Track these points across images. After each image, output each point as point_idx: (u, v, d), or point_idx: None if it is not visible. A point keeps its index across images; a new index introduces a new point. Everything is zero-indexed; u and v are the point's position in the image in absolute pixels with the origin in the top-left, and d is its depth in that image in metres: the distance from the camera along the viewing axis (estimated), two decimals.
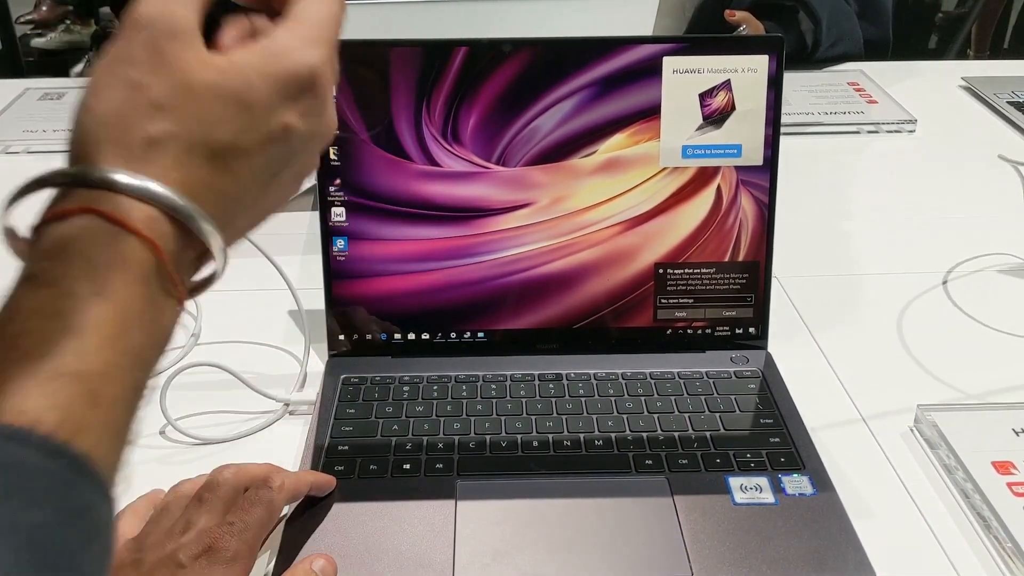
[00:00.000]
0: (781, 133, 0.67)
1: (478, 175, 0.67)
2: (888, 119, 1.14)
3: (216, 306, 0.78)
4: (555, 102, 0.66)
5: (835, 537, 0.54)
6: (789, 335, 0.74)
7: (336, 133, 0.39)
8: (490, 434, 0.62)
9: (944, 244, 0.88)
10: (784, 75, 0.66)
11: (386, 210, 0.67)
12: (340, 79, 0.64)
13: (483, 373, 0.67)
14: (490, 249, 0.68)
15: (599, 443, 0.61)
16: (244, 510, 0.50)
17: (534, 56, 0.66)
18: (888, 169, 1.05)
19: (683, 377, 0.67)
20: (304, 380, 0.69)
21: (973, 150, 1.09)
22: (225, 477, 0.52)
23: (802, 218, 0.92)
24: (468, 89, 0.66)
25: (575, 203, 0.68)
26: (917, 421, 0.64)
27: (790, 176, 0.74)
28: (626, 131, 0.67)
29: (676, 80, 0.66)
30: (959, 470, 0.59)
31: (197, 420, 0.65)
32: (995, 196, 0.97)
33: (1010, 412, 0.63)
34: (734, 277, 0.69)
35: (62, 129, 1.20)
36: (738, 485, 0.57)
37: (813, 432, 0.62)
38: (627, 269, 0.69)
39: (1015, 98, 1.20)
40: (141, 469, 0.61)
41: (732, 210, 0.68)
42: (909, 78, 1.29)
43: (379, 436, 0.62)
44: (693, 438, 0.61)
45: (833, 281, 0.83)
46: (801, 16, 1.31)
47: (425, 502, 0.56)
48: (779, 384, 0.67)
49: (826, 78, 1.26)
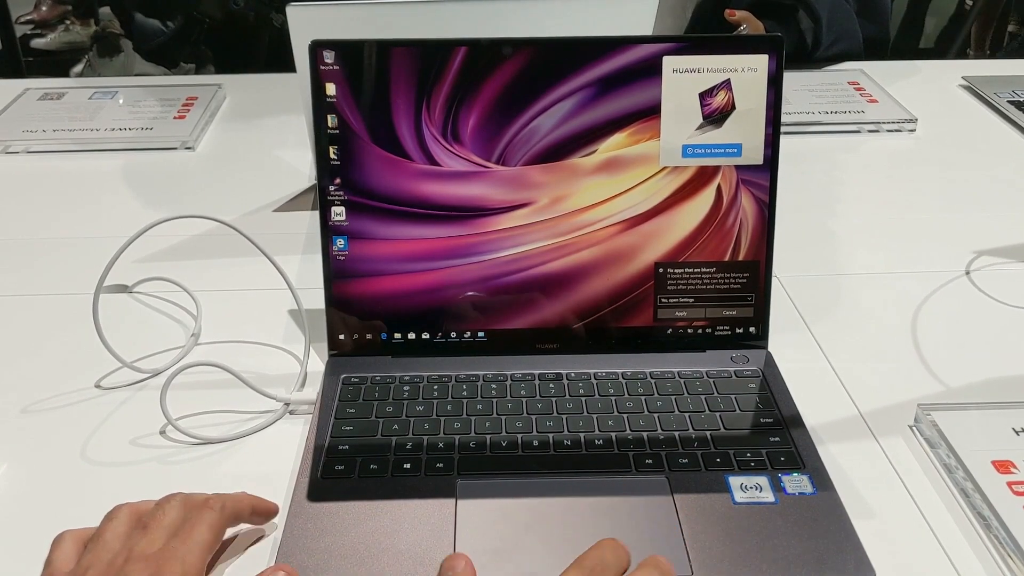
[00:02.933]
0: (781, 132, 0.67)
1: (478, 175, 0.67)
2: (888, 118, 1.14)
3: (216, 306, 0.78)
4: (555, 102, 0.66)
5: (835, 536, 0.54)
6: (789, 334, 0.74)
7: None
8: (490, 433, 0.62)
9: (944, 244, 0.88)
10: (784, 74, 0.66)
11: (386, 209, 0.67)
12: (341, 79, 0.65)
13: (483, 373, 0.67)
14: (490, 249, 0.68)
15: (599, 442, 0.61)
16: (187, 533, 0.50)
17: (534, 56, 0.66)
18: (888, 168, 1.05)
19: (683, 376, 0.67)
20: (304, 380, 0.69)
21: (973, 150, 1.09)
22: (172, 504, 0.52)
23: (802, 217, 0.92)
24: (468, 89, 0.66)
25: (575, 203, 0.68)
26: (917, 420, 0.64)
27: (790, 175, 0.74)
28: (626, 130, 0.67)
29: (676, 79, 0.66)
30: (959, 469, 0.59)
31: (198, 420, 0.65)
32: (995, 196, 0.97)
33: (1010, 411, 0.63)
34: (734, 276, 0.69)
35: (62, 129, 1.20)
36: (738, 484, 0.57)
37: (813, 431, 0.62)
38: (627, 269, 0.69)
39: (1016, 97, 1.20)
40: (142, 469, 0.61)
41: (732, 209, 0.68)
42: (909, 77, 1.29)
43: (379, 435, 0.62)
44: (693, 437, 0.61)
45: (833, 280, 0.83)
46: (801, 15, 1.31)
47: (425, 501, 0.56)
48: (779, 383, 0.67)
49: (826, 77, 1.26)
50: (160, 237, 0.84)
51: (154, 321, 0.77)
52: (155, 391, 0.64)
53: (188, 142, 1.08)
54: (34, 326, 0.76)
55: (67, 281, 0.81)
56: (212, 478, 0.61)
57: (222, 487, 0.56)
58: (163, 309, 0.78)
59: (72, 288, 0.79)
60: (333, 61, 0.65)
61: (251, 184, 0.99)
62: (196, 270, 0.82)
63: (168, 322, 0.76)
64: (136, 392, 0.68)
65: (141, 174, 1.02)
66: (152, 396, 0.65)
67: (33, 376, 0.70)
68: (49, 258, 0.86)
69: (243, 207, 0.95)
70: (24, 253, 0.88)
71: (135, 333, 0.74)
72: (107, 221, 0.93)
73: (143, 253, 0.85)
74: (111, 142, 1.09)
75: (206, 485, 0.57)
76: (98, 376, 0.69)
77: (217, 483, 0.60)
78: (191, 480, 0.60)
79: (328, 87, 0.66)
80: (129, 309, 0.78)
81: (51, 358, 0.72)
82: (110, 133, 1.10)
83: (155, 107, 1.17)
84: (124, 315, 0.77)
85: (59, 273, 0.83)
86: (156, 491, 0.55)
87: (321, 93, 0.66)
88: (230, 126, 1.15)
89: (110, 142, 1.09)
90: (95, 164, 1.05)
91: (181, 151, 1.07)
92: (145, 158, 1.06)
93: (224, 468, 0.61)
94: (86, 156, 1.06)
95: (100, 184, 1.01)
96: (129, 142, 1.09)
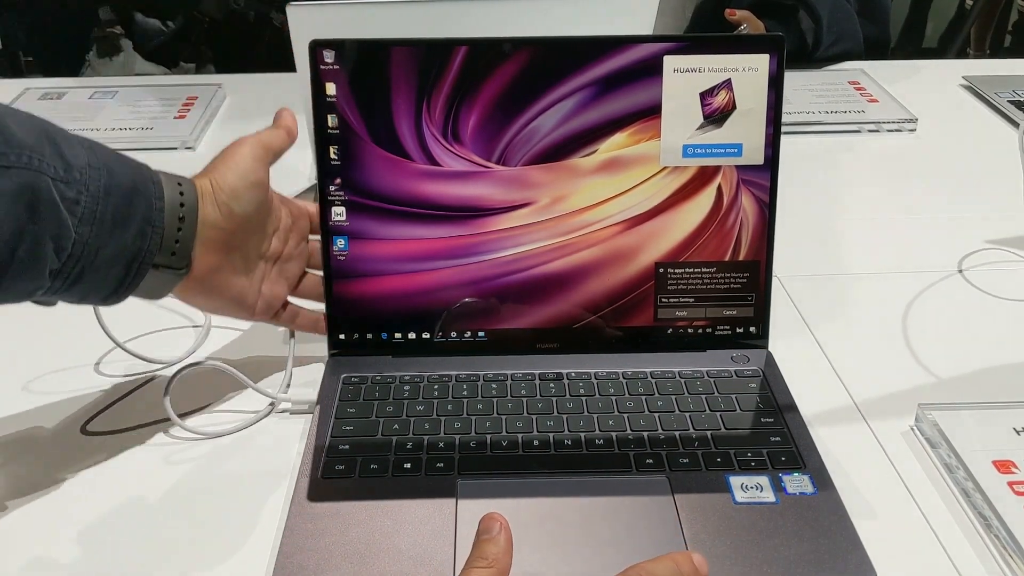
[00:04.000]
0: (782, 132, 0.67)
1: (478, 174, 0.67)
2: (889, 118, 1.14)
3: None
4: (555, 101, 0.66)
5: (836, 536, 0.54)
6: (790, 334, 0.74)
7: None
8: (491, 433, 0.62)
9: (945, 243, 0.88)
10: (785, 74, 0.66)
11: (386, 209, 0.67)
12: (341, 79, 0.65)
13: (483, 372, 0.67)
14: (490, 249, 0.68)
15: (600, 442, 0.61)
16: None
17: (534, 56, 0.66)
18: (889, 168, 1.05)
19: (683, 376, 0.67)
20: (290, 380, 0.69)
21: (974, 149, 1.09)
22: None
23: (803, 217, 0.92)
24: (468, 89, 0.66)
25: (575, 203, 0.68)
26: (918, 420, 0.64)
27: (791, 175, 0.74)
28: (626, 130, 0.67)
29: (677, 79, 0.66)
30: (960, 469, 0.59)
31: (198, 420, 0.65)
32: (996, 195, 0.97)
33: (1011, 411, 0.63)
34: (735, 276, 0.69)
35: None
36: (739, 484, 0.57)
37: (814, 431, 0.62)
38: (627, 268, 0.69)
39: (1016, 97, 1.20)
40: (143, 468, 0.61)
41: (733, 209, 0.68)
42: (910, 77, 1.29)
43: (380, 435, 0.62)
44: (694, 437, 0.61)
45: (833, 280, 0.83)
46: (801, 15, 1.31)
47: (426, 501, 0.56)
48: (780, 383, 0.67)
49: (826, 77, 1.26)
50: None
51: (157, 317, 0.77)
52: (158, 391, 0.64)
53: (188, 142, 1.08)
54: (35, 326, 0.76)
55: None
56: (211, 477, 0.60)
57: (221, 486, 0.56)
58: (166, 304, 0.78)
59: None
60: (333, 61, 0.65)
61: None
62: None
63: (170, 319, 0.76)
64: (137, 387, 0.68)
65: None
66: (155, 392, 0.65)
67: (34, 361, 0.70)
68: None
69: None
70: None
71: (139, 328, 0.74)
72: None
73: None
74: (112, 142, 1.07)
75: (204, 484, 0.57)
76: (100, 367, 0.70)
77: (216, 482, 0.60)
78: (189, 478, 0.60)
79: (328, 87, 0.65)
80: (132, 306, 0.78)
81: (52, 347, 0.72)
82: (111, 133, 1.10)
83: (155, 107, 1.17)
84: (126, 312, 0.77)
85: None
86: (154, 488, 0.55)
87: (321, 93, 0.66)
88: (230, 126, 1.15)
89: (111, 142, 1.07)
90: None
91: (182, 151, 1.07)
92: (146, 158, 1.05)
93: (224, 468, 0.61)
94: None
95: None
96: (130, 142, 1.08)
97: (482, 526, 0.48)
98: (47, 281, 0.53)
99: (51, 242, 0.51)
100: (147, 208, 0.56)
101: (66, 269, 0.53)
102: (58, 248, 0.52)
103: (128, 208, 0.55)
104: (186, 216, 0.57)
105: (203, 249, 0.59)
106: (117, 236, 0.54)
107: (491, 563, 0.45)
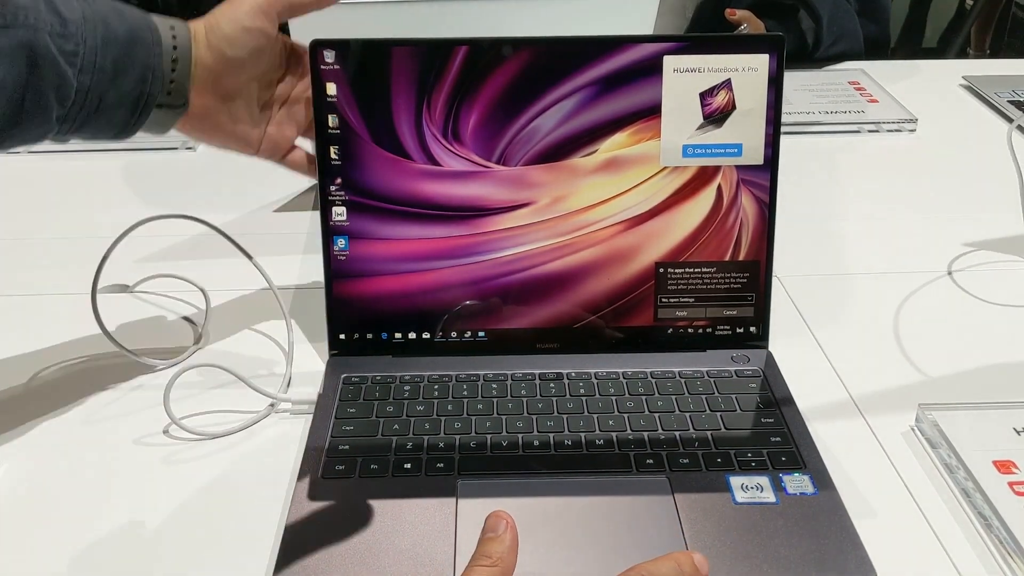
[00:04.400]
0: (782, 132, 0.67)
1: (478, 174, 0.67)
2: (889, 118, 1.14)
3: (218, 304, 0.78)
4: (555, 101, 0.66)
5: (836, 536, 0.54)
6: (790, 334, 0.74)
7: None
8: (491, 433, 0.62)
9: (945, 243, 0.88)
10: (785, 74, 0.66)
11: (387, 209, 0.67)
12: (342, 79, 0.65)
13: (484, 372, 0.67)
14: (490, 248, 0.68)
15: (600, 442, 0.61)
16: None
17: (534, 56, 0.66)
18: (889, 168, 1.05)
19: (684, 376, 0.67)
20: (289, 380, 0.69)
21: (974, 149, 1.09)
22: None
23: (803, 217, 0.92)
24: (468, 88, 0.66)
25: (575, 202, 0.68)
26: (918, 420, 0.64)
27: (791, 175, 0.74)
28: (626, 130, 0.67)
29: (677, 79, 0.66)
30: (960, 469, 0.59)
31: (199, 419, 0.65)
32: (996, 195, 0.97)
33: (1011, 411, 0.63)
34: (735, 276, 0.69)
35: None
36: (739, 484, 0.57)
37: (814, 431, 0.62)
38: (627, 268, 0.69)
39: (1016, 97, 1.20)
40: (143, 468, 0.61)
41: (732, 209, 0.68)
42: (910, 77, 1.29)
43: (380, 435, 0.62)
44: (694, 437, 0.61)
45: (834, 280, 0.83)
46: (802, 15, 1.31)
47: (426, 501, 0.56)
48: (780, 383, 0.67)
49: (826, 77, 1.26)
50: (161, 237, 0.84)
51: (156, 318, 0.77)
52: (159, 392, 0.64)
53: (189, 142, 1.08)
54: (34, 324, 0.76)
55: (68, 281, 0.81)
56: (210, 478, 0.60)
57: (220, 486, 0.56)
58: (166, 305, 0.78)
59: (73, 288, 0.79)
60: (333, 61, 0.65)
61: (252, 184, 0.99)
62: (200, 269, 0.82)
63: (170, 319, 0.76)
64: (137, 388, 0.68)
65: (143, 174, 1.02)
66: (155, 393, 0.66)
67: (34, 361, 0.70)
68: (50, 258, 0.86)
69: (244, 207, 0.95)
70: (25, 253, 0.88)
71: (138, 329, 0.74)
72: (108, 222, 0.93)
73: (144, 253, 0.85)
74: (112, 142, 1.08)
75: (204, 484, 0.57)
76: (99, 368, 0.70)
77: (215, 482, 0.60)
78: (189, 479, 0.60)
79: (328, 87, 0.65)
80: (131, 307, 0.78)
81: (52, 347, 0.72)
82: None
83: None
84: (126, 313, 0.77)
85: (60, 273, 0.83)
86: (153, 488, 0.55)
87: (321, 93, 0.66)
88: None
89: (111, 142, 1.08)
90: (97, 164, 1.04)
91: (182, 151, 1.07)
92: (146, 158, 1.06)
93: (224, 468, 0.61)
94: (87, 156, 1.06)
95: (101, 184, 1.01)
96: (130, 142, 1.08)
97: (487, 524, 0.47)
98: (55, 125, 0.58)
99: (54, 91, 0.56)
100: (147, 55, 0.59)
101: (72, 114, 0.58)
102: (62, 97, 0.56)
103: (127, 57, 0.58)
104: (179, 58, 0.61)
105: (199, 89, 0.62)
106: (119, 83, 0.58)
107: (495, 562, 0.45)
